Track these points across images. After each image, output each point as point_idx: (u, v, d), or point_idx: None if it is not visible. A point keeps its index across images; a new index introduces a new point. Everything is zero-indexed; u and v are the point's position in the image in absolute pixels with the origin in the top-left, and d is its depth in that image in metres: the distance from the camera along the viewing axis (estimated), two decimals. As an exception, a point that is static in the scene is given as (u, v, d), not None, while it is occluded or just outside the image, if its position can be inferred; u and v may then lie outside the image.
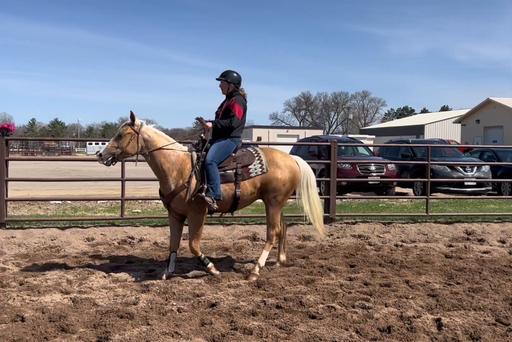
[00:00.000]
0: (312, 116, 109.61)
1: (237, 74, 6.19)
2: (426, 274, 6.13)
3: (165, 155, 5.82)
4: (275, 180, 6.05)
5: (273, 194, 6.09)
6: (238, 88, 6.15)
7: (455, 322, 4.31)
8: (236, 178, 5.92)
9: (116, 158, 5.78)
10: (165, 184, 5.83)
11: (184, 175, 5.79)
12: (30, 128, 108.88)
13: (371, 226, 9.11)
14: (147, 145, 5.79)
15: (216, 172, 5.79)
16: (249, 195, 6.06)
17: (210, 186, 5.74)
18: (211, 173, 5.76)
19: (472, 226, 9.32)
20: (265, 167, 6.04)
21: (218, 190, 5.78)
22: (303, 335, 4.08)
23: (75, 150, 66.52)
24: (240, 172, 5.93)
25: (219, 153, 5.91)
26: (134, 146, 5.75)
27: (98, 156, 5.73)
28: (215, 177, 5.77)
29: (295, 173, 6.21)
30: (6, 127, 8.36)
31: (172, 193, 5.77)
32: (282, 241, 6.53)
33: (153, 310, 4.70)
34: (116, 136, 5.77)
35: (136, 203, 11.81)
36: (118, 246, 7.64)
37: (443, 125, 61.78)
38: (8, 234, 7.89)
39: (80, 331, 4.19)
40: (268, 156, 6.12)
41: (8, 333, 4.06)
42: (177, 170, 5.80)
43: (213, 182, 5.75)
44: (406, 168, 16.45)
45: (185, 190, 5.73)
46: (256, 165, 6.02)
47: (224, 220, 9.08)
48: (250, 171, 5.99)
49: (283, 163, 6.15)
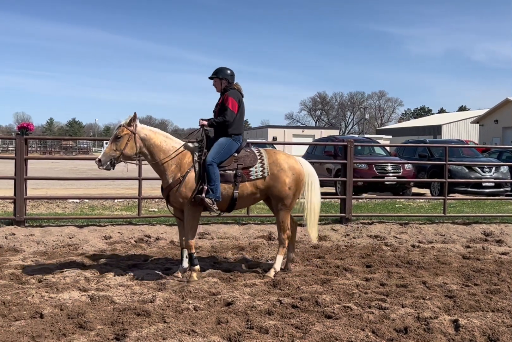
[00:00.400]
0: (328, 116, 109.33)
1: (230, 70, 6.13)
2: (443, 275, 6.09)
3: (165, 152, 5.81)
4: (279, 183, 5.95)
5: (280, 198, 6.00)
6: (231, 83, 6.09)
7: (473, 324, 4.27)
8: (235, 179, 5.85)
9: (116, 162, 5.74)
10: (163, 178, 5.85)
11: (182, 169, 5.78)
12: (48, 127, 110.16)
13: (387, 227, 9.06)
14: (145, 144, 5.78)
15: (216, 173, 5.74)
16: (249, 196, 5.98)
17: (210, 187, 5.70)
18: (211, 174, 5.71)
19: (490, 227, 9.22)
20: (266, 171, 5.93)
21: (218, 191, 5.75)
22: (319, 335, 4.07)
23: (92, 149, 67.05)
24: (240, 174, 5.85)
25: (220, 153, 5.84)
26: (133, 147, 5.73)
27: (98, 162, 5.66)
28: (215, 178, 5.72)
29: (299, 175, 6.09)
30: (25, 127, 8.47)
31: (169, 186, 5.77)
32: (291, 240, 6.44)
33: (170, 308, 4.73)
34: (113, 139, 5.71)
35: (152, 202, 11.89)
36: (135, 245, 7.70)
37: (461, 126, 61.21)
38: (27, 231, 7.99)
39: (98, 328, 4.23)
40: (271, 159, 6.01)
41: (28, 329, 4.12)
42: (176, 164, 5.79)
43: (213, 183, 5.71)
44: (423, 168, 16.31)
45: (180, 183, 5.72)
46: (258, 168, 5.92)
47: (240, 219, 9.10)
48: (251, 173, 5.90)
49: (287, 165, 6.03)
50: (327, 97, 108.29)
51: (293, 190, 6.04)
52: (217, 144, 5.90)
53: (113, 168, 5.79)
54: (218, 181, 5.74)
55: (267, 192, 6.01)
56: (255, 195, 5.99)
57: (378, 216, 9.92)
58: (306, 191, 6.22)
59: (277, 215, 6.14)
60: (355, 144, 9.76)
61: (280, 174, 5.97)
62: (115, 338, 4.04)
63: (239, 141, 6.02)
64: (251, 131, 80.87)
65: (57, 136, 75.97)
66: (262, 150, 6.14)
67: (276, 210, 6.13)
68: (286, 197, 6.01)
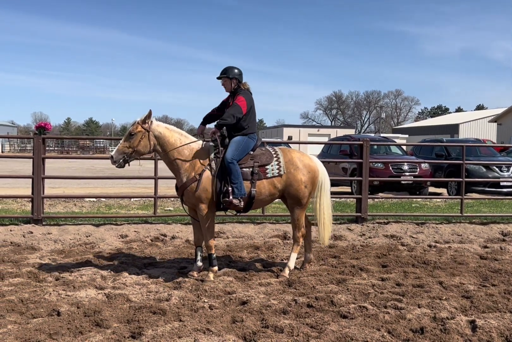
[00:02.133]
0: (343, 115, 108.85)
1: (238, 69, 6.07)
2: (460, 275, 6.03)
3: (179, 150, 5.76)
4: (295, 182, 5.94)
5: (296, 197, 5.99)
6: (240, 82, 6.05)
7: (490, 324, 4.23)
8: (252, 177, 5.82)
9: (129, 159, 5.68)
10: (178, 177, 5.80)
11: (196, 167, 5.71)
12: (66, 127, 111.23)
13: (404, 226, 9.00)
14: (160, 142, 5.71)
15: (238, 170, 5.71)
16: (267, 195, 5.94)
17: (234, 186, 5.66)
18: (234, 172, 5.67)
19: (508, 227, 9.11)
20: (282, 169, 5.91)
21: (243, 188, 5.71)
22: (334, 335, 4.06)
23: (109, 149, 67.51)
24: (257, 171, 5.83)
25: (238, 151, 5.81)
26: (146, 145, 5.66)
27: (111, 159, 5.62)
28: (238, 175, 5.69)
29: (314, 172, 6.10)
30: (43, 126, 8.57)
31: (184, 184, 5.70)
32: (307, 240, 6.46)
33: (185, 307, 4.75)
34: (127, 136, 5.65)
35: (168, 201, 11.94)
36: (151, 243, 7.74)
37: (478, 125, 60.54)
38: (45, 230, 8.08)
39: (114, 326, 4.26)
40: (287, 157, 6.00)
41: (45, 327, 4.16)
42: (190, 162, 5.73)
43: (236, 181, 5.67)
44: (440, 168, 16.16)
45: (196, 183, 5.65)
46: (274, 166, 5.90)
47: (255, 218, 9.10)
48: (267, 171, 5.88)
49: (302, 163, 6.03)
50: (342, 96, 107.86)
51: (309, 188, 6.05)
52: (234, 142, 5.86)
53: (128, 165, 5.75)
54: (241, 178, 5.71)
55: (284, 190, 5.99)
56: (271, 193, 5.96)
57: (394, 215, 9.86)
58: (317, 190, 6.20)
59: (292, 213, 6.14)
60: (371, 144, 9.70)
61: (296, 172, 5.96)
62: (131, 336, 4.07)
63: (254, 139, 6.02)
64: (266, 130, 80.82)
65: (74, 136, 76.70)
66: (277, 149, 6.12)
67: (291, 208, 6.12)
68: (302, 195, 6.00)
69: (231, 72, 6.00)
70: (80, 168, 26.15)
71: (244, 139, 5.91)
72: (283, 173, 5.92)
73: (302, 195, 6.00)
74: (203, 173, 5.69)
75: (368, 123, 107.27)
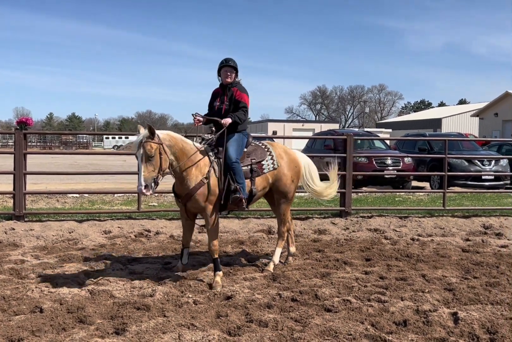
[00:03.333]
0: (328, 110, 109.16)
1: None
2: (442, 268, 6.10)
3: (187, 155, 5.33)
4: (284, 176, 5.95)
5: (284, 191, 6.00)
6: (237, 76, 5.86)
7: (472, 316, 4.28)
8: (252, 174, 5.73)
9: (158, 180, 5.11)
10: (184, 183, 5.35)
11: (202, 170, 5.40)
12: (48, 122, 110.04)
13: (387, 220, 9.07)
14: (172, 150, 5.22)
15: (242, 170, 5.57)
16: (262, 191, 5.93)
17: (240, 186, 5.50)
18: (239, 172, 5.51)
19: (489, 220, 9.23)
20: (276, 163, 5.90)
21: (246, 189, 5.61)
22: (318, 328, 4.08)
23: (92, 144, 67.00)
24: (256, 168, 5.76)
25: (239, 150, 5.66)
26: (166, 159, 5.14)
27: (145, 189, 4.94)
28: (243, 175, 5.56)
29: (300, 167, 6.18)
30: (24, 121, 8.45)
31: (191, 190, 5.33)
32: (289, 233, 6.45)
33: (170, 302, 4.74)
34: (145, 160, 4.97)
35: (152, 197, 11.88)
36: (135, 239, 7.71)
37: (461, 119, 61.09)
38: (27, 226, 8.00)
39: (98, 322, 4.24)
40: (276, 151, 5.99)
41: (27, 324, 4.12)
42: (195, 166, 5.37)
43: (242, 181, 5.52)
44: (423, 162, 16.29)
45: (204, 186, 5.35)
46: (269, 161, 5.87)
47: (239, 213, 9.10)
48: (264, 166, 5.83)
49: (288, 157, 6.05)
50: (327, 91, 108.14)
51: (295, 183, 6.10)
52: (233, 141, 5.64)
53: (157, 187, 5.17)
54: (244, 178, 5.58)
55: (274, 185, 5.97)
56: (264, 187, 5.91)
57: (377, 209, 9.93)
58: (307, 179, 6.34)
59: (278, 208, 6.14)
60: (354, 138, 9.74)
61: (284, 166, 5.98)
62: (114, 332, 4.05)
63: (246, 136, 5.89)
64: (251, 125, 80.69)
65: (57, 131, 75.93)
66: (265, 143, 6.10)
67: (278, 203, 6.12)
68: (289, 189, 6.04)
69: (236, 64, 5.79)
70: (63, 164, 25.92)
71: (240, 137, 5.76)
72: (277, 166, 5.91)
73: (289, 189, 6.03)
74: (210, 176, 5.41)
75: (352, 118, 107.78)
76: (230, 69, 5.76)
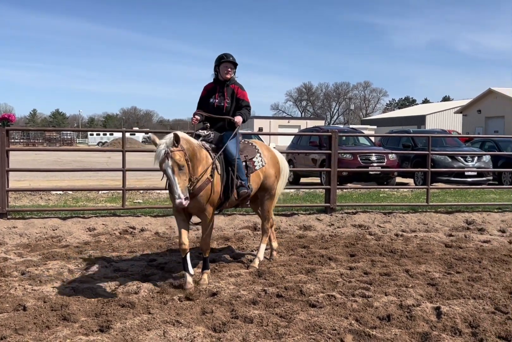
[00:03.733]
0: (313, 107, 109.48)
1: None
2: (426, 263, 6.16)
3: (196, 154, 5.07)
4: (269, 173, 6.02)
5: (269, 188, 6.07)
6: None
7: (455, 311, 4.34)
8: (247, 171, 5.68)
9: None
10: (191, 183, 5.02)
11: (207, 169, 5.19)
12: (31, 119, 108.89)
13: (371, 216, 9.13)
14: (189, 153, 4.92)
15: (243, 166, 5.57)
16: (256, 187, 5.89)
17: (244, 182, 5.49)
18: (241, 169, 5.50)
19: (472, 216, 9.33)
20: (263, 160, 5.94)
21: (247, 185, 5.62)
22: (303, 324, 4.10)
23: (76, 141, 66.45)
24: (250, 165, 5.74)
25: (238, 147, 5.60)
26: (196, 164, 5.03)
27: (185, 201, 4.72)
28: (244, 172, 5.57)
29: (279, 164, 6.26)
30: (6, 118, 8.36)
31: (197, 189, 5.09)
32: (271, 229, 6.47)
33: (154, 299, 4.73)
34: (177, 171, 4.72)
35: (137, 193, 11.82)
36: (120, 236, 7.67)
37: (445, 116, 61.68)
38: (10, 224, 7.91)
39: (82, 320, 4.22)
40: (262, 149, 6.04)
41: (10, 322, 4.09)
42: (201, 165, 5.15)
43: (244, 177, 5.54)
44: (407, 158, 16.42)
45: (209, 185, 5.17)
46: (258, 158, 5.89)
47: (225, 210, 9.09)
48: (255, 163, 5.83)
49: (271, 155, 6.13)
50: (312, 87, 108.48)
51: (278, 179, 6.19)
52: (232, 138, 5.58)
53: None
54: (245, 175, 5.59)
55: (263, 182, 5.98)
56: (258, 185, 5.93)
57: (362, 205, 9.99)
58: (283, 177, 6.38)
59: (262, 204, 6.18)
60: (339, 135, 9.78)
61: (269, 164, 6.05)
62: (99, 329, 4.03)
63: (239, 133, 5.83)
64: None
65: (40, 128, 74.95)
66: (251, 141, 6.14)
67: (262, 200, 6.15)
68: (273, 186, 6.11)
69: (235, 60, 5.71)
70: (47, 161, 25.65)
71: (235, 135, 5.69)
72: (265, 163, 5.95)
73: (274, 185, 6.12)
74: (214, 173, 5.24)
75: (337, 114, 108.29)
76: (231, 65, 5.70)
